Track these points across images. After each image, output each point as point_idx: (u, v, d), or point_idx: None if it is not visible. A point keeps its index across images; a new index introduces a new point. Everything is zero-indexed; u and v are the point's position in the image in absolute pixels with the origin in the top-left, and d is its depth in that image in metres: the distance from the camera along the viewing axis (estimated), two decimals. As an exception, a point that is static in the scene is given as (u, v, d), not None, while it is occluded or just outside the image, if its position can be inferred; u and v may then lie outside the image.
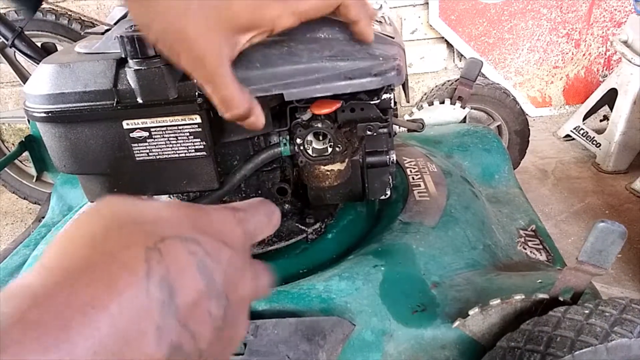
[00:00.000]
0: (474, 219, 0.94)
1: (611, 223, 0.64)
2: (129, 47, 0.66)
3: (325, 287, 0.77)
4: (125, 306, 0.22)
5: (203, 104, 0.70)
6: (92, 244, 0.24)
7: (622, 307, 0.58)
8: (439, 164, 1.08)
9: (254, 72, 0.71)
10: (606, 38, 2.07)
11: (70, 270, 0.22)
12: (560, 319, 0.60)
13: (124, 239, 0.25)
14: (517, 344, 0.61)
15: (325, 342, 0.70)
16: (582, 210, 1.64)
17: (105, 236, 0.25)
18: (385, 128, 0.80)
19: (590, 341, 0.55)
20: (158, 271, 0.24)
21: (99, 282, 0.22)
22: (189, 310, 0.25)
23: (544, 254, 0.97)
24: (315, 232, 0.89)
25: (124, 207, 0.27)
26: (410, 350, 0.74)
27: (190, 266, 0.25)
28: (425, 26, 2.17)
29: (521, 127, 1.47)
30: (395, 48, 0.78)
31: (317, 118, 0.78)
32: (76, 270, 0.22)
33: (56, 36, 1.53)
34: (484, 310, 0.70)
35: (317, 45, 0.74)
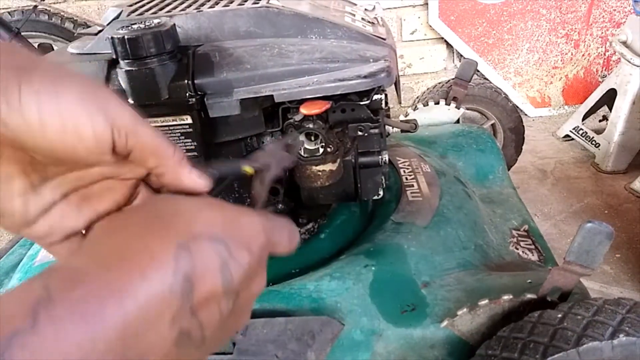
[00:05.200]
0: (466, 219, 0.94)
1: (598, 223, 0.64)
2: (120, 48, 0.67)
3: (315, 286, 0.78)
4: (151, 294, 0.25)
5: (194, 105, 0.71)
6: (130, 236, 0.28)
7: (595, 309, 0.58)
8: (433, 164, 1.08)
9: (244, 73, 0.71)
10: (605, 38, 2.07)
11: (108, 258, 0.26)
12: (534, 325, 0.60)
13: (159, 233, 0.28)
14: (493, 352, 0.62)
15: (314, 341, 0.70)
16: (582, 210, 1.64)
17: (143, 228, 0.28)
18: (377, 129, 0.81)
19: (562, 346, 0.55)
20: (184, 268, 0.27)
21: (132, 271, 0.25)
22: (202, 304, 0.28)
23: (536, 254, 0.97)
24: (308, 232, 0.90)
25: (165, 202, 0.31)
26: (399, 350, 0.74)
27: (214, 267, 0.28)
28: (425, 27, 2.17)
29: (515, 124, 1.47)
30: (385, 49, 0.78)
31: (309, 119, 0.78)
32: (115, 257, 0.26)
33: (50, 36, 1.54)
34: (472, 310, 0.71)
35: (308, 47, 0.74)
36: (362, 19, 0.87)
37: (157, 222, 0.29)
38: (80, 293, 0.24)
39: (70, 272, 0.25)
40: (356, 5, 0.95)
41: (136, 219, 0.29)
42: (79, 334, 0.22)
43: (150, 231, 0.28)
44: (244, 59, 0.72)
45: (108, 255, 0.26)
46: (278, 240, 0.35)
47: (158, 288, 0.26)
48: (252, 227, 0.32)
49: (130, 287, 0.25)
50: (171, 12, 0.77)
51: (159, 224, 0.28)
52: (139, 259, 0.26)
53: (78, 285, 0.24)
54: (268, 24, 0.75)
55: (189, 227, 0.28)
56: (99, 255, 0.26)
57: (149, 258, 0.26)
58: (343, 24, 0.78)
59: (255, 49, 0.73)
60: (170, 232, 0.28)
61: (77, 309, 0.23)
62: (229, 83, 0.71)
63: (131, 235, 0.28)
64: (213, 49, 0.73)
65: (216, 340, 0.31)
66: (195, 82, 0.70)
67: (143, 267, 0.26)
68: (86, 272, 0.25)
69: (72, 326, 0.22)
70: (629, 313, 0.57)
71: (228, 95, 0.71)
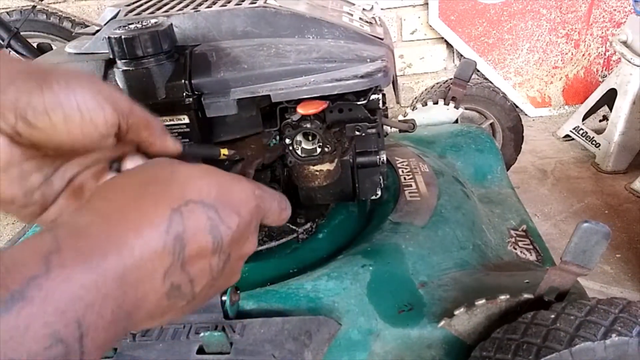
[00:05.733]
0: (464, 219, 0.94)
1: (595, 223, 0.64)
2: (117, 48, 0.67)
3: (313, 286, 0.78)
4: (145, 250, 0.28)
5: (191, 105, 0.71)
6: (129, 197, 0.31)
7: (588, 309, 0.58)
8: (431, 164, 1.08)
9: (241, 73, 0.72)
10: (605, 38, 2.06)
11: (109, 215, 0.29)
12: (527, 326, 0.60)
13: (154, 197, 0.31)
14: (488, 354, 0.62)
15: (311, 341, 0.70)
16: (582, 210, 1.64)
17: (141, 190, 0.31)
18: (374, 128, 0.80)
19: (555, 347, 0.55)
20: (176, 229, 0.30)
21: (129, 229, 0.28)
22: (193, 261, 0.31)
23: (534, 254, 0.97)
24: (306, 231, 0.90)
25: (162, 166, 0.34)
26: (396, 350, 0.74)
27: (205, 228, 0.31)
28: (425, 27, 2.17)
29: (514, 123, 1.47)
30: (383, 49, 0.78)
31: (307, 118, 0.78)
32: (113, 216, 0.29)
33: (49, 36, 1.54)
34: (469, 310, 0.71)
35: (305, 47, 0.74)
36: (360, 18, 0.87)
37: (153, 186, 0.32)
38: (85, 245, 0.27)
39: (76, 227, 0.28)
40: (354, 5, 0.95)
41: (135, 181, 0.33)
42: (85, 279, 0.26)
43: (147, 194, 0.31)
44: (241, 59, 0.72)
45: (109, 214, 0.29)
46: (268, 208, 0.38)
47: (152, 245, 0.29)
48: (243, 193, 0.35)
49: (128, 242, 0.28)
50: (168, 12, 0.77)
51: (154, 187, 0.32)
52: (136, 219, 0.29)
53: (83, 238, 0.27)
54: (265, 24, 0.76)
55: (182, 192, 0.31)
56: (100, 213, 0.29)
57: (145, 219, 0.29)
58: (340, 23, 0.78)
59: (253, 49, 0.73)
60: (165, 197, 0.31)
61: (83, 258, 0.26)
62: (226, 83, 0.71)
63: (130, 197, 0.31)
64: (210, 48, 0.73)
65: (206, 296, 0.34)
66: (193, 81, 0.70)
67: (139, 226, 0.29)
68: (90, 227, 0.28)
69: (79, 271, 0.26)
70: (621, 313, 0.57)
71: (225, 95, 0.71)
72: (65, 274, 0.25)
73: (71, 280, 0.25)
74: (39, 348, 0.23)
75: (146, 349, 0.71)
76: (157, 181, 0.32)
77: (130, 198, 0.31)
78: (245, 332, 0.71)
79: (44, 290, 0.24)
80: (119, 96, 0.38)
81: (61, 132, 0.35)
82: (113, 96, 0.37)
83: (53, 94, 0.34)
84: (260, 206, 0.36)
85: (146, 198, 0.31)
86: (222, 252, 0.33)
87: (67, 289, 0.25)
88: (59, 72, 0.36)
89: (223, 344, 0.69)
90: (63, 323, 0.24)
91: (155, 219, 0.29)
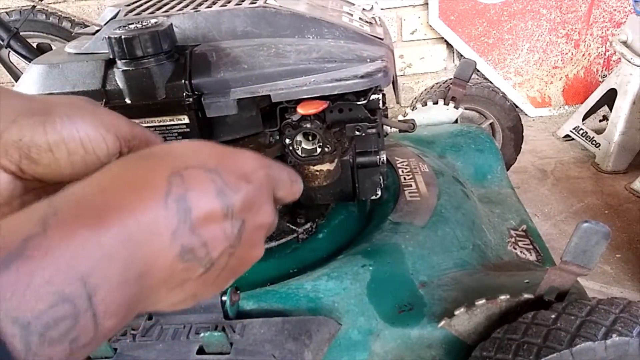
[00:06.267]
0: (464, 219, 0.94)
1: (595, 223, 0.64)
2: (117, 48, 0.67)
3: (313, 286, 0.78)
4: (147, 211, 0.28)
5: (191, 105, 0.71)
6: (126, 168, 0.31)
7: (589, 309, 0.58)
8: (431, 164, 1.08)
9: (241, 73, 0.72)
10: (605, 38, 2.06)
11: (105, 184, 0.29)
12: (528, 326, 0.60)
13: (151, 166, 0.31)
14: (488, 354, 0.62)
15: (311, 341, 0.70)
16: (582, 210, 1.63)
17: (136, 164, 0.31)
18: (374, 128, 0.80)
19: (556, 347, 0.55)
20: (177, 191, 0.29)
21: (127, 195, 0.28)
22: (202, 225, 0.30)
23: (534, 254, 0.97)
24: (306, 231, 0.90)
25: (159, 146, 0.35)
26: (396, 350, 0.74)
27: (209, 190, 0.31)
28: (425, 27, 2.16)
29: (513, 123, 1.46)
30: (383, 49, 0.78)
31: (307, 118, 0.78)
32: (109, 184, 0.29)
33: (49, 36, 1.54)
34: (469, 310, 0.71)
35: (305, 47, 0.74)
36: (360, 18, 0.87)
37: (150, 158, 0.32)
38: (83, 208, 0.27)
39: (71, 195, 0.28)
40: (354, 5, 0.95)
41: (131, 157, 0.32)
42: (85, 238, 0.25)
43: (144, 165, 0.31)
44: (241, 59, 0.72)
45: (104, 183, 0.29)
46: (278, 177, 0.37)
47: (152, 207, 0.28)
48: (248, 160, 0.34)
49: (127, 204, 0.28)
50: (168, 12, 0.77)
51: (151, 159, 0.32)
52: (133, 184, 0.29)
53: (80, 203, 0.27)
54: (265, 24, 0.76)
55: (182, 160, 0.31)
56: (95, 183, 0.29)
57: (143, 184, 0.29)
58: (340, 23, 0.78)
59: (253, 49, 0.73)
60: (163, 164, 0.31)
61: (82, 220, 0.26)
62: (226, 83, 0.71)
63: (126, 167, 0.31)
64: (210, 48, 0.73)
65: (228, 267, 0.33)
66: (193, 82, 0.70)
67: (138, 190, 0.29)
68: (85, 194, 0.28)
69: (79, 232, 0.25)
70: (622, 313, 0.57)
71: (225, 95, 0.71)
72: (64, 233, 0.25)
73: (70, 239, 0.25)
74: (44, 306, 0.23)
75: (146, 349, 0.71)
76: (154, 154, 0.32)
77: (126, 168, 0.31)
78: (245, 332, 0.71)
79: (43, 249, 0.24)
80: (119, 122, 0.38)
81: (65, 166, 0.36)
82: (114, 124, 0.37)
83: (55, 131, 0.35)
84: (269, 174, 0.36)
85: (143, 167, 0.31)
86: (235, 218, 0.32)
87: (67, 247, 0.25)
88: (61, 106, 0.36)
89: (223, 344, 0.69)
90: (66, 281, 0.24)
91: (154, 182, 0.29)
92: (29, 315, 0.23)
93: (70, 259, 0.24)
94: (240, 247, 0.33)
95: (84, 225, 0.26)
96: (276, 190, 0.37)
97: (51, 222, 0.25)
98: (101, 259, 0.26)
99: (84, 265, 0.25)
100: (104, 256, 0.26)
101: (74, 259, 0.25)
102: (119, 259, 0.26)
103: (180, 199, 0.29)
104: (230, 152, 0.34)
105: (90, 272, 0.25)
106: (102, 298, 0.25)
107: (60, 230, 0.25)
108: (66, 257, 0.24)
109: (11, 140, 0.34)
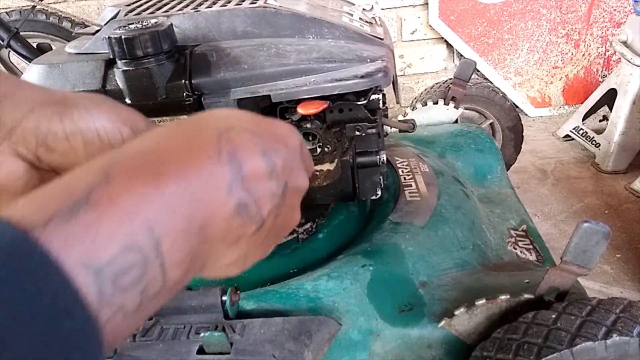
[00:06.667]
0: (464, 219, 0.94)
1: (595, 223, 0.64)
2: (117, 48, 0.67)
3: (313, 286, 0.78)
4: (204, 167, 0.28)
5: (191, 105, 0.71)
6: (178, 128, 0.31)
7: (589, 309, 0.58)
8: (431, 164, 1.08)
9: (241, 73, 0.72)
10: (605, 38, 2.06)
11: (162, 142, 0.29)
12: (528, 325, 0.60)
13: (201, 127, 0.31)
14: (488, 354, 0.62)
15: (311, 341, 0.70)
16: (582, 210, 1.63)
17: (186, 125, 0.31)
18: (375, 128, 0.80)
19: (556, 347, 0.55)
20: (227, 149, 0.30)
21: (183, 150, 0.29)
22: (253, 181, 0.31)
23: (534, 254, 0.97)
24: (306, 231, 0.90)
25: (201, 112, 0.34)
26: (396, 350, 0.74)
27: (254, 150, 0.31)
28: (425, 27, 2.17)
29: (513, 123, 1.46)
30: (383, 49, 0.78)
31: (307, 118, 0.78)
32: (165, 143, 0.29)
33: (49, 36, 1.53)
34: (469, 310, 0.71)
35: (305, 47, 0.74)
36: (360, 18, 0.87)
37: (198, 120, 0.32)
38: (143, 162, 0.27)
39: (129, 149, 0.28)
40: (354, 5, 0.95)
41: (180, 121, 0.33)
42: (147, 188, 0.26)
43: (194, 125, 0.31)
44: (241, 59, 0.72)
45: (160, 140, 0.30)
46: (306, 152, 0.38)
47: (208, 160, 0.29)
48: (284, 128, 0.35)
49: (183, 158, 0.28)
50: (168, 12, 0.77)
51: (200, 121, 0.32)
52: (184, 141, 0.30)
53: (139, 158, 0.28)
54: (265, 24, 0.75)
55: (226, 123, 0.32)
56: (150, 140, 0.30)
57: (194, 140, 0.30)
58: (340, 23, 0.78)
59: (253, 49, 0.73)
60: (209, 124, 0.31)
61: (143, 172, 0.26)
62: (226, 83, 0.71)
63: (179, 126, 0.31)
64: (210, 48, 0.73)
65: (275, 230, 0.34)
66: (193, 82, 0.70)
67: (190, 146, 0.29)
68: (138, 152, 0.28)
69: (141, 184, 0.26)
70: (622, 312, 0.57)
71: (225, 95, 0.71)
72: (127, 184, 0.25)
73: (134, 189, 0.25)
74: (115, 252, 0.23)
75: (146, 349, 0.71)
76: (200, 117, 0.33)
77: (179, 127, 0.31)
78: (245, 332, 0.71)
79: (107, 196, 0.24)
80: (136, 117, 0.39)
81: (81, 156, 0.36)
82: (131, 118, 0.38)
83: (72, 121, 0.35)
84: (302, 141, 0.36)
85: (193, 127, 0.31)
86: (278, 179, 0.32)
87: (131, 197, 0.25)
88: (79, 98, 0.37)
89: (223, 344, 0.69)
90: (133, 228, 0.24)
91: (204, 138, 0.30)
92: (101, 262, 0.23)
93: (135, 206, 0.25)
94: (283, 208, 0.33)
95: (146, 177, 0.26)
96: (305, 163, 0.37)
97: (113, 174, 0.25)
98: (164, 209, 0.26)
99: (149, 212, 0.25)
100: (167, 207, 0.26)
101: (139, 208, 0.25)
102: (181, 211, 0.27)
103: (231, 155, 0.30)
104: (266, 119, 0.35)
105: (155, 221, 0.25)
106: (168, 247, 0.26)
107: (123, 180, 0.25)
108: (130, 204, 0.25)
109: (29, 128, 0.35)
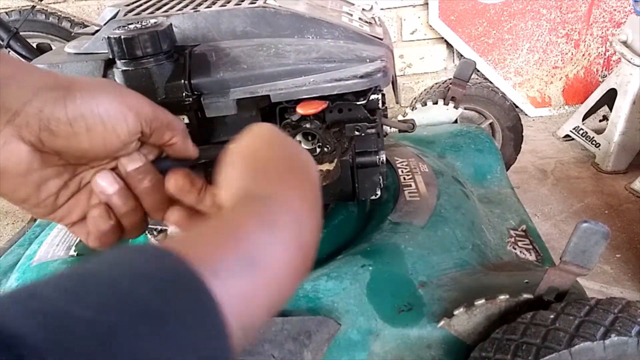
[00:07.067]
0: (463, 219, 0.94)
1: (594, 223, 0.64)
2: (116, 48, 0.67)
3: (312, 286, 0.78)
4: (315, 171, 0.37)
5: (191, 105, 0.71)
6: (275, 146, 0.37)
7: (587, 309, 0.58)
8: (431, 164, 1.08)
9: (241, 73, 0.72)
10: (605, 38, 2.06)
11: (269, 173, 0.35)
12: (527, 326, 0.60)
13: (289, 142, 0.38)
14: (487, 354, 0.62)
15: (311, 341, 0.70)
16: (582, 210, 1.63)
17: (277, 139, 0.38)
18: (374, 128, 0.80)
19: (555, 347, 0.55)
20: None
21: (296, 172, 0.36)
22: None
23: (534, 254, 0.97)
24: (305, 232, 0.89)
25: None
26: (396, 350, 0.74)
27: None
28: (425, 27, 2.17)
29: (513, 122, 1.46)
30: (382, 49, 0.78)
31: (306, 118, 0.78)
32: (273, 174, 0.35)
33: (48, 36, 1.54)
34: (468, 310, 0.71)
35: (305, 47, 0.74)
36: (359, 18, 0.87)
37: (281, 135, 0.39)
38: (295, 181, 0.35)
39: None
40: (353, 5, 0.95)
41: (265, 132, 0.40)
42: (301, 183, 0.34)
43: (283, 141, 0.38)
44: (241, 59, 0.72)
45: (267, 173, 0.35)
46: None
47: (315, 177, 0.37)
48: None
49: (307, 171, 0.36)
50: (168, 12, 0.77)
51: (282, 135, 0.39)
52: (297, 166, 0.36)
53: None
54: (265, 24, 0.76)
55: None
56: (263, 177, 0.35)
57: (300, 164, 0.37)
58: (340, 23, 0.78)
59: (252, 49, 0.73)
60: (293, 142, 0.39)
61: (298, 181, 0.35)
62: (226, 83, 0.71)
63: (277, 146, 0.38)
64: (210, 49, 0.73)
65: None
66: (192, 82, 0.70)
67: (304, 168, 0.36)
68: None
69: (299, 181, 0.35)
70: (621, 312, 0.57)
71: (225, 95, 0.71)
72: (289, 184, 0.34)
73: (293, 184, 0.35)
74: (262, 321, 0.27)
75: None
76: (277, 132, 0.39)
77: (278, 148, 0.37)
78: (244, 332, 0.71)
79: (269, 258, 0.28)
80: (142, 102, 0.39)
81: (83, 141, 0.36)
82: (136, 103, 0.38)
83: (75, 105, 0.36)
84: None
85: (288, 145, 0.38)
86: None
87: (291, 198, 0.33)
88: (82, 83, 0.37)
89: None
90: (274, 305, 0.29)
91: (306, 160, 0.38)
92: (255, 320, 0.27)
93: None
94: None
95: (301, 180, 0.35)
96: None
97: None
98: (314, 206, 0.34)
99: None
100: (313, 201, 0.34)
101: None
102: (316, 202, 0.35)
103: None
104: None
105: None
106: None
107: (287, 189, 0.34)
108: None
109: (32, 112, 0.35)
